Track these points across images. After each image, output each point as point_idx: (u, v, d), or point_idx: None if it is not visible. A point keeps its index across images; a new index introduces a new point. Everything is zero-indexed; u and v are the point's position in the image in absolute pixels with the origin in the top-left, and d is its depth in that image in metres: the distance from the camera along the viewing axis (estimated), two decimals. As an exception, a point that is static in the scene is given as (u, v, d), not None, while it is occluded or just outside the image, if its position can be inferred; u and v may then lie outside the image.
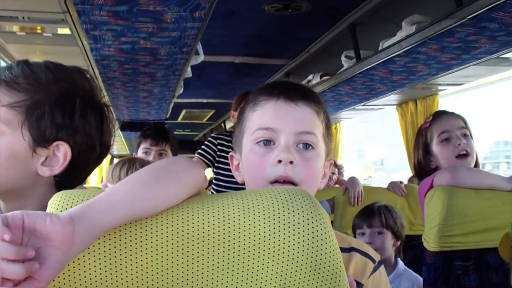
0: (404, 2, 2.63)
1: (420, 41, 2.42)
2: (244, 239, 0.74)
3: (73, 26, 2.22)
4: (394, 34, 2.67)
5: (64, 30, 2.39)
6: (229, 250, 0.74)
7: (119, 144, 8.87)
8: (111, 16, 2.06)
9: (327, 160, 1.10)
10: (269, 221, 0.75)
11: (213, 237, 0.74)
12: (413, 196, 2.94)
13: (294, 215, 0.76)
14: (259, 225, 0.75)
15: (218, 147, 3.31)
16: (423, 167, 2.09)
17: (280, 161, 1.01)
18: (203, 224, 0.75)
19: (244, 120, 1.11)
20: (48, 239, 0.66)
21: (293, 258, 0.74)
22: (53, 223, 0.65)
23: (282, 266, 0.74)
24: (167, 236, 0.73)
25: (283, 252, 0.74)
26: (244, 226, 0.75)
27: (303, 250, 0.74)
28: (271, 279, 0.74)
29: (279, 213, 0.76)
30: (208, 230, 0.74)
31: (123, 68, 3.05)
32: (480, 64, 2.85)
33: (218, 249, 0.74)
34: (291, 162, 1.01)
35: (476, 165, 2.04)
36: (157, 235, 0.73)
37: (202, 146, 3.44)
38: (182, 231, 0.74)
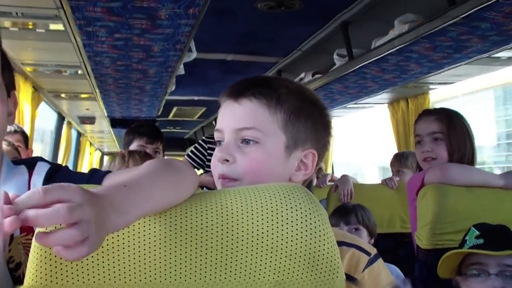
0: (396, 1, 2.64)
1: (413, 40, 2.43)
2: (242, 235, 0.74)
3: (66, 22, 2.21)
4: (387, 32, 2.68)
5: (57, 26, 2.38)
6: (227, 246, 0.74)
7: (110, 141, 8.83)
8: (105, 12, 2.05)
9: (302, 150, 1.07)
10: (267, 217, 0.75)
11: (211, 233, 0.74)
12: (405, 194, 2.95)
13: (292, 211, 0.76)
14: (257, 221, 0.75)
15: (208, 151, 3.32)
16: None
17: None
18: (201, 220, 0.75)
19: None
20: None
21: (291, 254, 0.74)
22: None
23: (280, 262, 0.74)
24: (165, 232, 0.73)
25: (281, 248, 0.74)
26: (242, 222, 0.75)
27: (301, 246, 0.74)
28: (269, 274, 0.74)
29: (277, 209, 0.76)
30: (206, 226, 0.74)
31: (116, 64, 3.04)
32: (472, 63, 2.87)
33: (216, 245, 0.74)
34: (226, 160, 1.04)
35: (472, 160, 2.06)
36: (154, 231, 0.73)
37: (192, 149, 3.46)
38: (180, 227, 0.74)
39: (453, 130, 2.04)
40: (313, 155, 1.07)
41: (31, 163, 1.09)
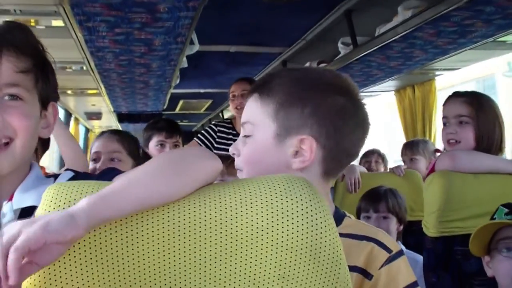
0: (399, -13, 2.61)
1: (416, 26, 2.40)
2: (242, 228, 0.73)
3: (66, 18, 2.21)
4: (391, 19, 2.65)
5: (57, 23, 2.38)
6: (226, 239, 0.73)
7: (118, 136, 8.84)
8: (104, 7, 2.05)
9: (295, 136, 1.05)
10: (267, 209, 0.74)
11: (210, 227, 0.73)
12: (413, 182, 2.94)
13: (293, 203, 0.75)
14: (257, 213, 0.74)
15: (218, 134, 3.36)
16: None
17: None
18: (200, 214, 0.74)
19: None
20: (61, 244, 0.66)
21: (292, 247, 0.73)
22: (72, 236, 0.66)
23: (281, 255, 0.73)
24: (163, 227, 0.72)
25: (282, 241, 0.73)
26: (242, 215, 0.74)
27: (302, 239, 0.73)
28: (270, 268, 0.73)
29: (277, 201, 0.75)
30: (205, 220, 0.73)
31: (119, 59, 3.04)
32: (477, 48, 2.84)
33: (216, 239, 0.73)
34: (233, 154, 1.13)
35: (501, 147, 2.00)
36: (153, 226, 0.72)
37: (202, 131, 3.49)
38: (179, 221, 0.73)
39: (482, 114, 1.97)
40: (310, 142, 1.05)
41: (59, 175, 1.10)
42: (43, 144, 2.88)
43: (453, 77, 3.92)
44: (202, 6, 2.09)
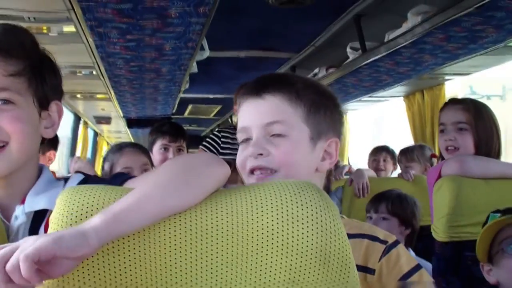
0: (409, -7, 2.60)
1: (426, 31, 2.39)
2: (253, 233, 0.74)
3: (78, 23, 2.22)
4: (400, 25, 2.64)
5: (69, 29, 2.39)
6: (238, 244, 0.74)
7: (127, 140, 8.88)
8: (115, 13, 2.06)
9: (325, 140, 1.11)
10: (278, 214, 0.75)
11: (222, 232, 0.74)
12: (422, 187, 2.92)
13: (302, 208, 0.75)
14: (267, 218, 0.75)
15: (222, 139, 3.36)
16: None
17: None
18: (211, 219, 0.75)
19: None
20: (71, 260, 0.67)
21: (302, 252, 0.73)
22: (82, 254, 0.66)
23: (292, 260, 0.73)
24: (175, 233, 0.73)
25: (292, 246, 0.74)
26: (252, 220, 0.74)
27: (312, 244, 0.74)
28: (280, 272, 0.73)
29: (287, 206, 0.75)
30: (217, 225, 0.74)
31: (129, 65, 3.05)
32: (487, 53, 2.83)
33: (227, 243, 0.73)
34: (260, 154, 1.07)
35: (498, 154, 2.00)
36: (164, 232, 0.73)
37: (207, 139, 3.50)
38: (191, 227, 0.74)
39: (480, 121, 1.97)
40: (336, 143, 1.12)
41: (69, 177, 1.11)
42: (52, 145, 2.87)
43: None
44: (213, 12, 2.09)
